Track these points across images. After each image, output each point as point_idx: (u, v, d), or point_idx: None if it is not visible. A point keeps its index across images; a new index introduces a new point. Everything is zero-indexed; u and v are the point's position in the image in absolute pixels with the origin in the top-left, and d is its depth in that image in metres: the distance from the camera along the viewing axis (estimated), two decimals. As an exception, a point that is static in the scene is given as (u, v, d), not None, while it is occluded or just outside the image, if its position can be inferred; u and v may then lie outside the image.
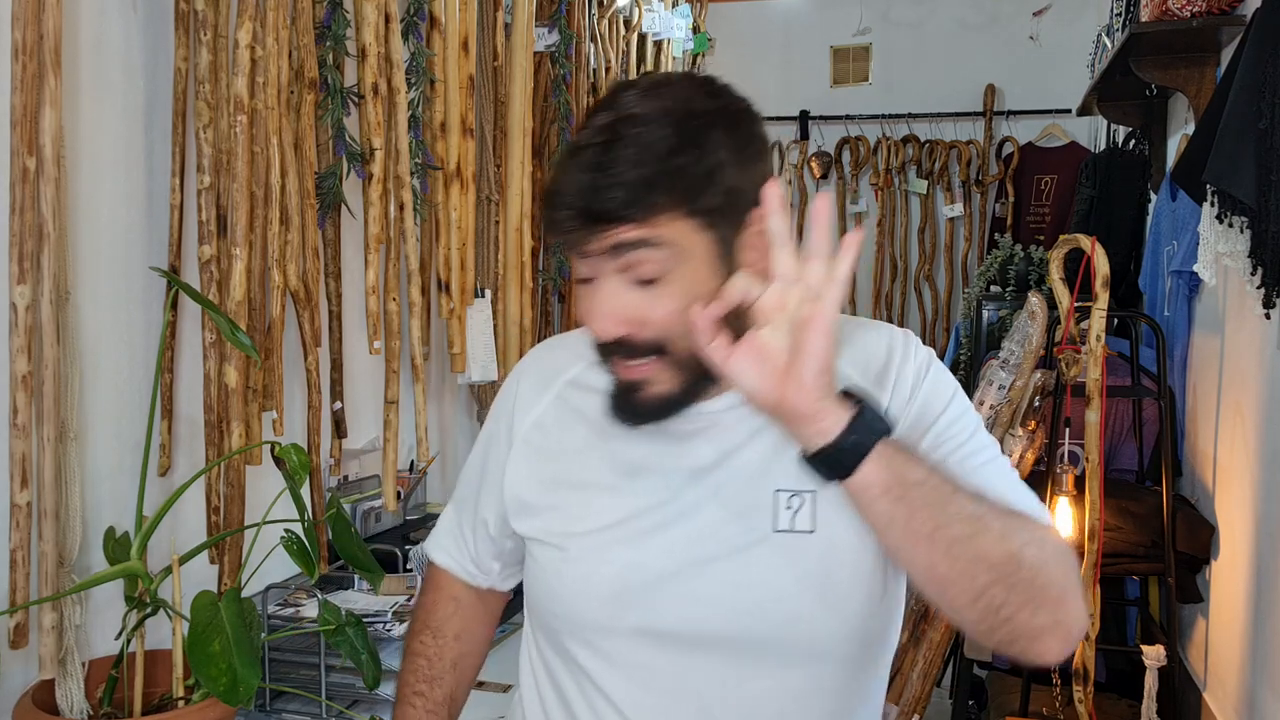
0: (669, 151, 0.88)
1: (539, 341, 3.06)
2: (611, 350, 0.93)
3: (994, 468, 0.95)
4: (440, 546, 1.19)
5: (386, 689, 1.77)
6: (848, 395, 0.83)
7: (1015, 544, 0.83)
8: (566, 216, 0.90)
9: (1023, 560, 0.83)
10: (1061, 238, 2.45)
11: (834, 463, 0.81)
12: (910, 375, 0.97)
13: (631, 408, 0.95)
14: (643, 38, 3.73)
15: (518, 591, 1.19)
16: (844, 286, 0.80)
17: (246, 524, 1.72)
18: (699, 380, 0.93)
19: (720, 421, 0.98)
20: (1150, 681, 2.28)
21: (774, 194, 0.82)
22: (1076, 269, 2.38)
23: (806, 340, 0.80)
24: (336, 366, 2.08)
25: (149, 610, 1.46)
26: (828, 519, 0.94)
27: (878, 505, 0.82)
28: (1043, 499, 2.43)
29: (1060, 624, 0.84)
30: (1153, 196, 3.26)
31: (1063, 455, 2.49)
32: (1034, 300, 2.44)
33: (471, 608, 1.19)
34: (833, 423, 0.81)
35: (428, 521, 2.36)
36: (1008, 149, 4.70)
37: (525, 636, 1.12)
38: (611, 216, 0.88)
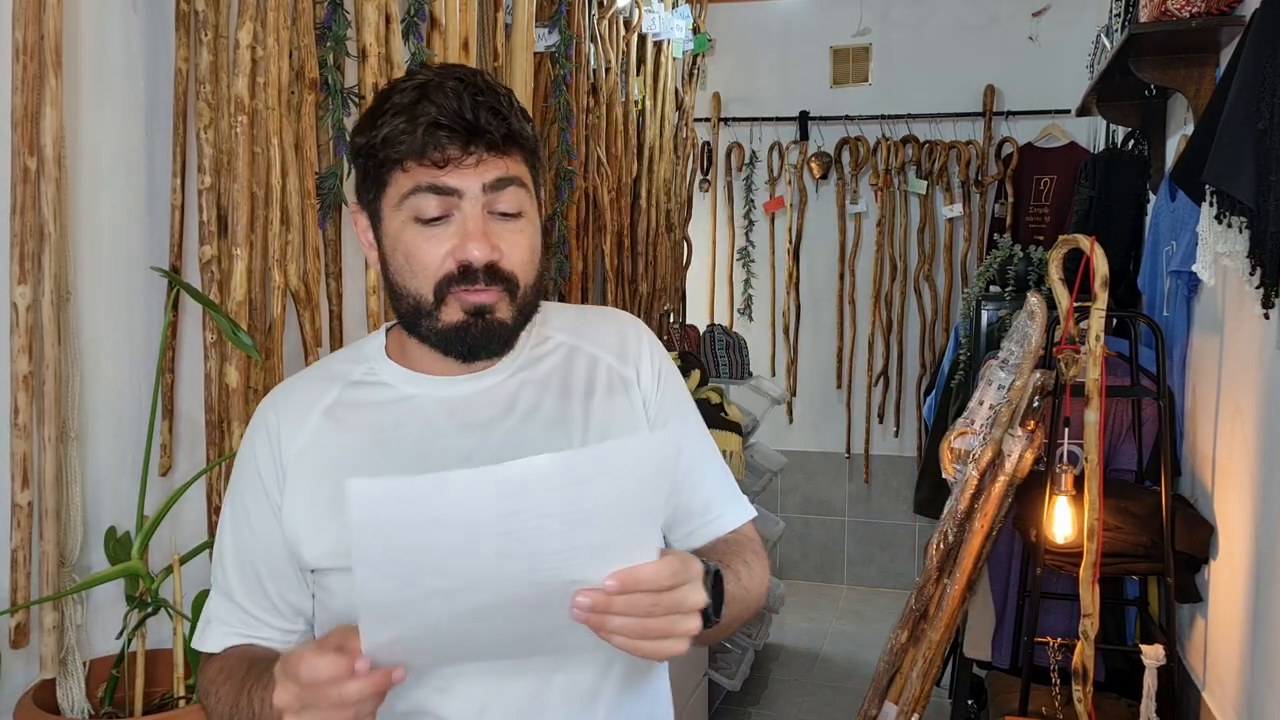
0: (522, 111, 1.03)
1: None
2: (470, 278, 1.01)
3: (707, 455, 1.19)
4: (215, 634, 1.09)
5: (387, 688, 1.77)
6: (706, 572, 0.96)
7: (757, 593, 1.11)
8: (448, 139, 0.98)
9: (757, 600, 1.12)
10: (1061, 238, 2.46)
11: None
12: (648, 356, 1.17)
13: (473, 336, 1.03)
14: (643, 38, 3.73)
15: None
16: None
17: (247, 524, 1.72)
18: (522, 323, 1.07)
19: (491, 400, 1.09)
20: (1149, 681, 2.28)
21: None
22: (1076, 269, 2.38)
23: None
24: (337, 366, 2.08)
25: (150, 610, 1.46)
26: None
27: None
28: (1042, 498, 2.44)
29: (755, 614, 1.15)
30: (1152, 197, 3.26)
31: (1062, 455, 2.50)
32: (1033, 300, 2.45)
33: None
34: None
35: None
36: (1007, 149, 4.70)
37: None
38: (499, 145, 0.99)
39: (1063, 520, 2.43)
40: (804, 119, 4.94)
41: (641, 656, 0.87)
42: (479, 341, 1.04)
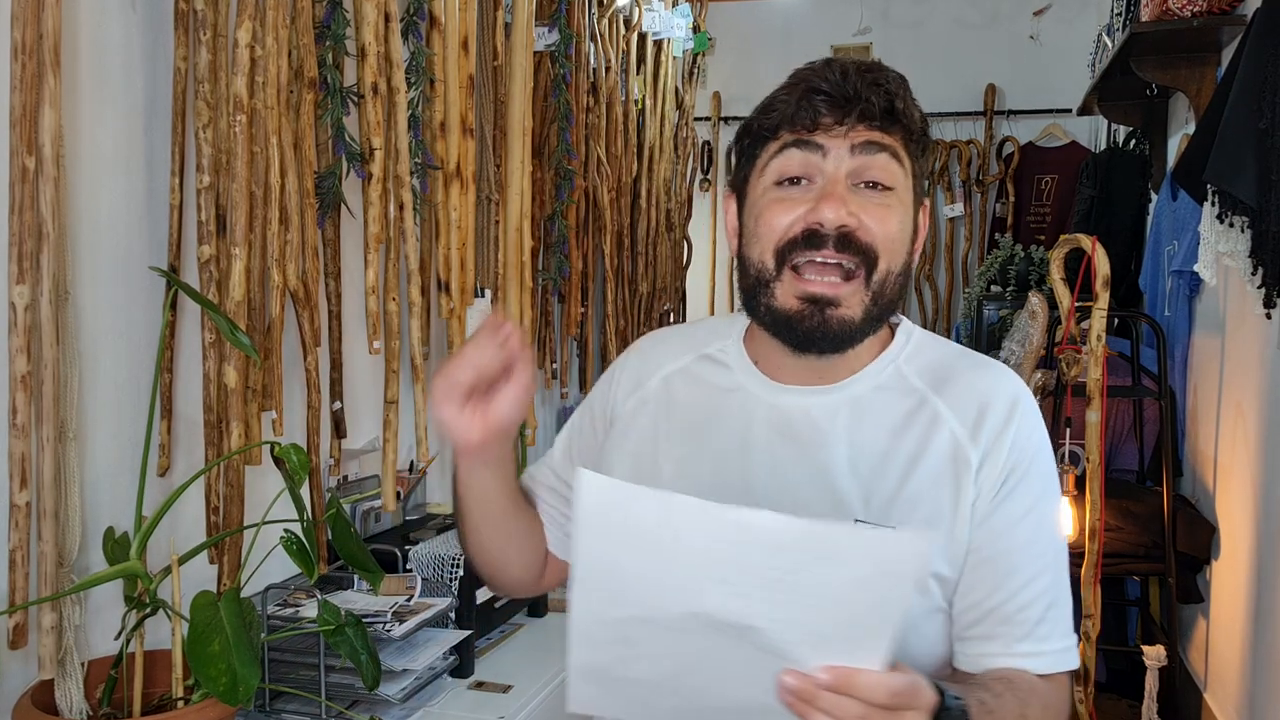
0: (911, 99, 0.96)
1: (536, 342, 3.07)
2: (816, 242, 0.92)
3: (1036, 566, 0.95)
4: (533, 477, 1.20)
5: (386, 689, 1.77)
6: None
7: None
8: (825, 103, 0.93)
9: None
10: (1062, 238, 2.46)
11: None
12: (1009, 446, 0.95)
13: (806, 329, 0.94)
14: (643, 37, 3.72)
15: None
16: None
17: (246, 524, 1.72)
18: (876, 317, 0.95)
19: (811, 417, 0.99)
20: (1151, 682, 2.28)
21: None
22: (1077, 269, 2.38)
23: None
24: (336, 366, 2.08)
25: (148, 610, 1.46)
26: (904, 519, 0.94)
27: None
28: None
29: None
30: (1153, 196, 3.26)
31: (1063, 455, 2.49)
32: (1034, 300, 2.44)
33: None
34: None
35: (427, 521, 2.35)
36: (1008, 149, 4.70)
37: None
38: (876, 118, 0.93)
39: (1064, 520, 2.42)
40: (804, 118, 4.94)
41: None
42: (811, 335, 0.94)
